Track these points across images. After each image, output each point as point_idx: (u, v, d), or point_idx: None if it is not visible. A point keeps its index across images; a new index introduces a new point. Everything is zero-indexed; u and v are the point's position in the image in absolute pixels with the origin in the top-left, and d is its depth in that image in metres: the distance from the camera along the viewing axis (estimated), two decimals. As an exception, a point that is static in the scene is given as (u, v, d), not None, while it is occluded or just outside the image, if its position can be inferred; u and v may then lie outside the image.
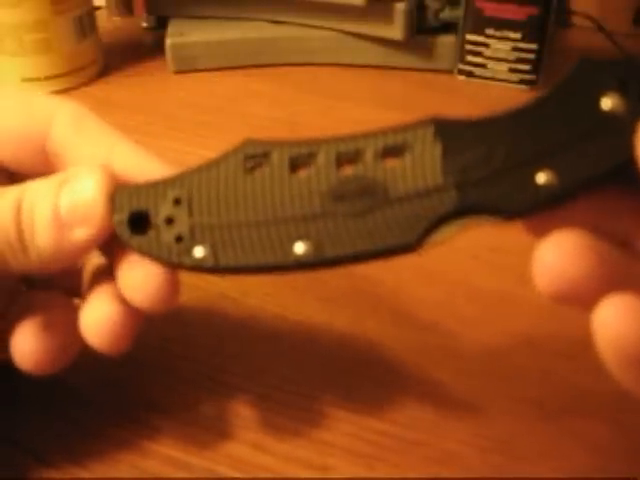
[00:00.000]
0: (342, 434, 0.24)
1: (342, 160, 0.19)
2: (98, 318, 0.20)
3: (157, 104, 0.47)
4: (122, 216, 0.19)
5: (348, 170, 0.19)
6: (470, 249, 0.31)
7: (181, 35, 0.51)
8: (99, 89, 0.50)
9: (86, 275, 0.23)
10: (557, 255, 0.17)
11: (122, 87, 0.50)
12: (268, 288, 0.30)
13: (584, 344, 0.27)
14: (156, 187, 0.20)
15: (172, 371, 0.27)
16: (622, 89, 0.17)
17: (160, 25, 0.56)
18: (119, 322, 0.20)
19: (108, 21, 0.60)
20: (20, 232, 0.20)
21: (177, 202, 0.19)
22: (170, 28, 0.52)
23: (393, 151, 0.18)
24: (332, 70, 0.51)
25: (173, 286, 0.20)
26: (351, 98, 0.47)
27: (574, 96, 0.18)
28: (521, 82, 0.49)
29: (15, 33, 0.46)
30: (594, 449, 0.24)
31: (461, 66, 0.50)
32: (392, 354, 0.27)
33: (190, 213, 0.19)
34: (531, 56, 0.47)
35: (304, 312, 0.29)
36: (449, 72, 0.51)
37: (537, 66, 0.48)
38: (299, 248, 0.18)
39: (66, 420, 0.25)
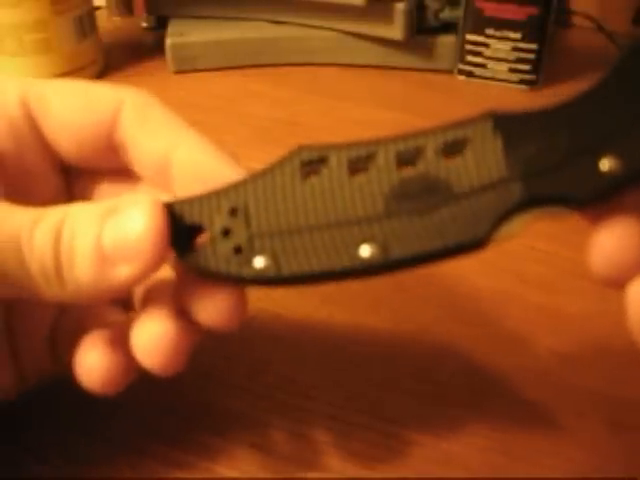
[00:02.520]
0: (342, 434, 0.24)
1: (402, 159, 0.18)
2: (153, 336, 0.19)
3: (157, 104, 0.47)
4: (175, 233, 0.18)
5: (409, 169, 0.18)
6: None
7: (181, 35, 0.51)
8: (99, 89, 0.49)
9: (139, 288, 0.22)
10: (615, 242, 0.17)
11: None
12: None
13: (584, 344, 0.28)
14: (210, 199, 0.19)
15: (172, 371, 0.27)
16: None
17: (160, 25, 0.56)
18: (175, 341, 0.19)
19: (108, 21, 0.60)
20: (58, 263, 0.18)
21: (233, 212, 0.18)
22: (170, 28, 0.52)
23: (454, 147, 0.18)
24: (332, 70, 0.51)
25: (242, 301, 0.19)
26: (351, 98, 0.47)
27: (632, 76, 0.17)
28: (521, 82, 0.49)
29: (15, 33, 0.46)
30: (593, 449, 0.24)
31: (461, 66, 0.50)
32: (392, 353, 0.27)
33: (247, 223, 0.18)
34: (531, 56, 0.47)
35: (304, 311, 0.29)
36: (449, 72, 0.51)
37: (537, 66, 0.48)
38: (365, 251, 0.18)
39: (65, 420, 0.25)
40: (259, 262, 0.18)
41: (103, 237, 0.18)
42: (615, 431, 0.24)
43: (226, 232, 0.18)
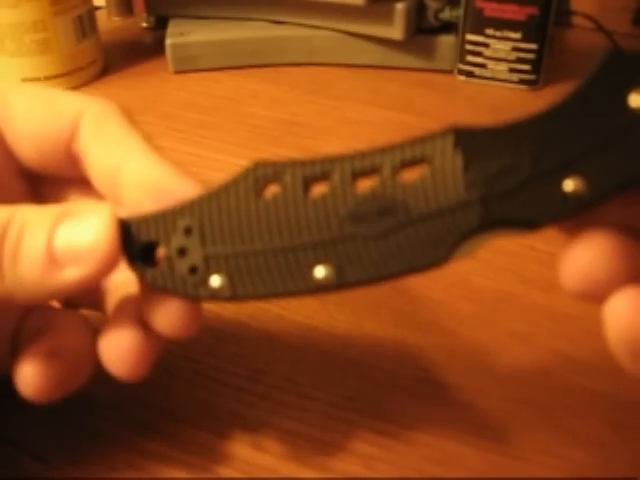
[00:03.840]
0: (342, 434, 0.24)
1: (358, 178, 0.18)
2: (117, 345, 0.20)
3: (157, 104, 0.47)
4: (132, 251, 0.19)
5: (366, 188, 0.18)
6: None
7: (181, 35, 0.51)
8: (99, 89, 0.50)
9: (110, 295, 0.22)
10: (587, 258, 0.17)
11: (122, 87, 0.50)
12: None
13: (584, 344, 0.28)
14: (165, 217, 0.19)
15: (172, 371, 0.27)
16: None
17: (160, 25, 0.56)
18: (138, 349, 0.20)
19: (108, 21, 0.61)
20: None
21: (188, 232, 0.19)
22: (170, 28, 0.52)
23: (412, 165, 0.18)
24: (332, 70, 0.51)
25: (197, 311, 0.19)
26: (351, 98, 0.47)
27: (600, 94, 0.17)
28: (521, 82, 0.49)
29: (15, 33, 0.46)
30: (594, 449, 0.24)
31: (461, 66, 0.50)
32: (392, 354, 0.27)
33: (203, 242, 0.18)
34: (531, 56, 0.47)
35: (304, 312, 0.29)
36: (449, 72, 0.51)
37: (537, 66, 0.48)
38: (319, 272, 0.18)
39: (65, 420, 0.25)
40: (215, 281, 0.18)
41: (55, 238, 0.18)
42: (615, 431, 0.24)
43: (182, 251, 0.19)
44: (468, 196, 0.17)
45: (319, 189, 0.18)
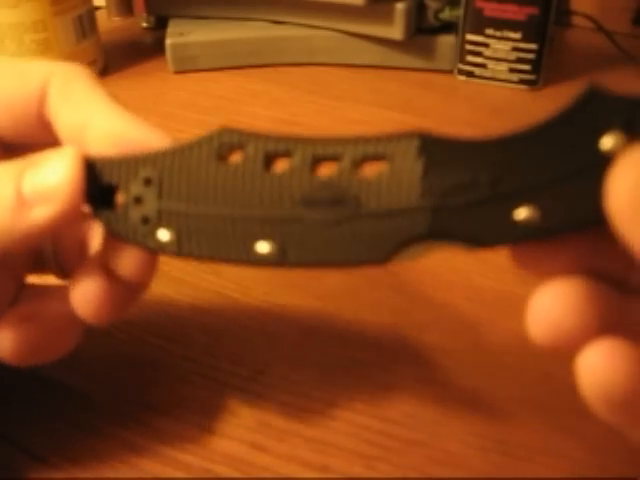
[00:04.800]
0: (342, 434, 0.24)
1: (318, 163, 0.18)
2: (84, 291, 0.20)
3: (157, 104, 0.47)
4: (92, 190, 0.19)
5: (323, 175, 0.18)
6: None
7: (181, 35, 0.51)
8: (99, 89, 0.49)
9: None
10: (553, 307, 0.17)
11: (122, 87, 0.50)
12: (267, 287, 0.30)
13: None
14: (128, 163, 0.19)
15: (172, 371, 0.27)
16: (627, 129, 0.16)
17: (160, 25, 0.56)
18: (104, 293, 0.20)
19: (108, 21, 0.61)
20: None
21: (147, 182, 0.19)
22: (170, 28, 0.52)
23: (373, 160, 0.18)
24: (332, 70, 0.51)
25: (151, 259, 0.20)
26: (351, 98, 0.47)
27: (574, 129, 0.17)
28: (521, 82, 0.49)
29: (15, 33, 0.46)
30: (594, 449, 0.24)
31: (461, 66, 0.50)
32: (392, 354, 0.27)
33: (159, 195, 0.19)
34: (531, 56, 0.47)
35: (304, 311, 0.29)
36: (449, 72, 0.51)
37: (537, 66, 0.48)
38: (262, 247, 0.18)
39: (65, 420, 0.25)
40: (163, 235, 0.19)
41: (24, 181, 0.19)
42: (615, 431, 0.24)
43: (138, 200, 0.19)
44: (420, 203, 0.17)
45: (280, 166, 0.18)
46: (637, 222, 0.15)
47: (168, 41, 0.50)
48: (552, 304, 0.17)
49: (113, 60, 0.53)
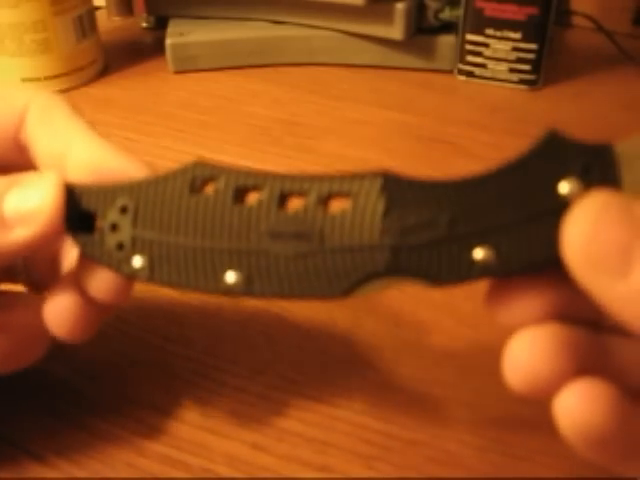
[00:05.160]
0: (342, 434, 0.24)
1: (286, 198, 0.19)
2: (58, 308, 0.21)
3: (157, 104, 0.47)
4: (70, 214, 0.20)
5: (290, 210, 0.19)
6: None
7: (181, 35, 0.51)
8: (99, 89, 0.50)
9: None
10: (528, 355, 0.17)
11: (122, 87, 0.50)
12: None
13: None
14: (106, 192, 0.20)
15: (171, 371, 0.27)
16: (584, 175, 0.17)
17: (160, 25, 0.56)
18: (77, 312, 0.21)
19: (108, 21, 0.61)
20: None
21: (123, 210, 0.20)
22: (170, 28, 0.52)
23: (337, 197, 0.19)
24: (332, 70, 0.51)
25: (125, 283, 0.21)
26: (351, 98, 0.47)
27: (533, 173, 0.17)
28: (521, 82, 0.49)
29: (15, 33, 0.46)
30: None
31: (461, 66, 0.50)
32: (392, 354, 0.27)
33: (134, 223, 0.20)
34: (531, 56, 0.47)
35: (304, 312, 0.29)
36: (449, 72, 0.51)
37: (537, 66, 0.48)
38: (230, 277, 0.19)
39: (65, 419, 0.25)
40: (137, 262, 0.20)
41: (5, 202, 0.20)
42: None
43: (114, 227, 0.20)
44: (380, 241, 0.18)
45: (249, 200, 0.19)
46: (591, 269, 0.15)
47: (168, 41, 0.50)
48: (527, 353, 0.17)
49: (113, 60, 0.53)
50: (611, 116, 0.45)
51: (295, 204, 0.19)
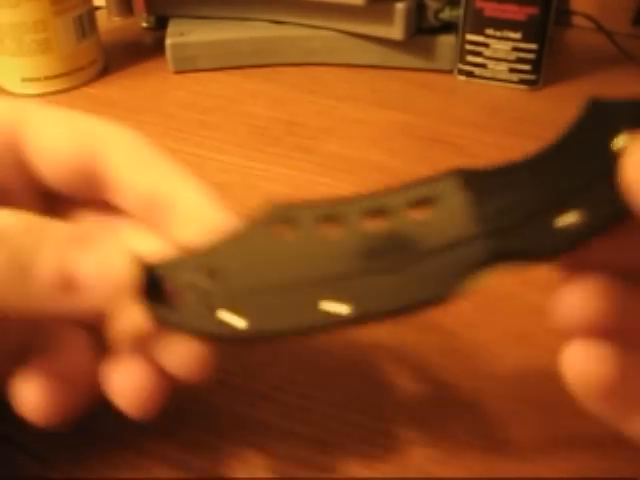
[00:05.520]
0: (342, 434, 0.24)
1: (369, 217, 0.19)
2: (125, 382, 0.19)
3: (157, 104, 0.47)
4: (148, 290, 0.19)
5: (376, 227, 0.19)
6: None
7: (181, 35, 0.51)
8: (99, 89, 0.50)
9: (119, 324, 0.21)
10: (580, 302, 0.18)
11: (122, 87, 0.50)
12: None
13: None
14: (182, 257, 0.19)
15: (172, 371, 0.27)
16: (632, 127, 0.17)
17: (160, 25, 0.56)
18: (149, 388, 0.19)
19: (108, 21, 0.61)
20: (10, 269, 0.17)
21: (206, 271, 0.19)
22: (170, 28, 0.52)
23: (420, 204, 0.19)
24: (332, 70, 0.51)
25: (207, 354, 0.19)
26: (351, 98, 0.47)
27: (586, 139, 0.18)
28: (521, 82, 0.49)
29: (15, 33, 0.46)
30: (594, 449, 0.24)
31: (461, 66, 0.50)
32: (392, 354, 0.27)
33: (218, 280, 0.19)
34: (531, 56, 0.47)
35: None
36: (449, 72, 0.51)
37: (537, 66, 0.48)
38: (334, 308, 0.18)
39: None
40: (231, 320, 0.18)
41: (72, 261, 0.18)
42: (616, 430, 0.24)
43: (195, 287, 0.19)
44: (473, 231, 0.18)
45: (334, 228, 0.19)
46: None
47: (168, 41, 0.50)
48: (579, 299, 0.18)
49: (113, 60, 0.53)
50: (611, 116, 0.45)
51: (380, 220, 0.19)
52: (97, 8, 0.55)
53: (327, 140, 0.43)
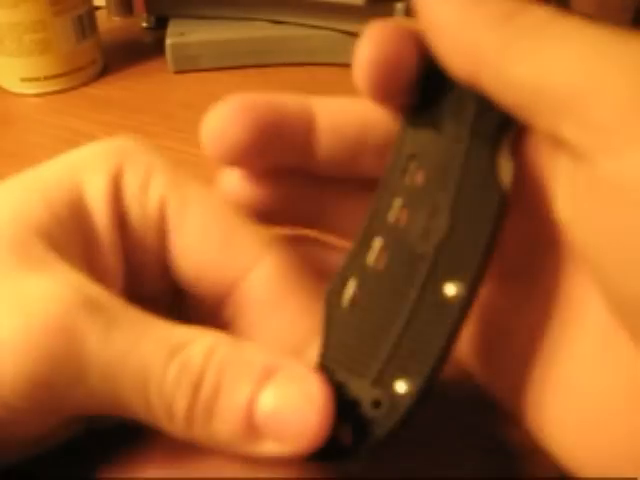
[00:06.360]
0: (342, 434, 0.24)
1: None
2: None
3: (157, 104, 0.47)
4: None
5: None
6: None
7: (181, 35, 0.51)
8: (99, 89, 0.49)
9: None
10: (219, 121, 0.19)
11: (122, 87, 0.50)
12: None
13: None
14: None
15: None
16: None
17: (160, 25, 0.56)
18: None
19: (108, 21, 0.61)
20: (191, 415, 0.16)
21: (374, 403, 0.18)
22: (170, 28, 0.52)
23: None
24: (332, 70, 0.51)
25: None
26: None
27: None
28: (521, 82, 0.48)
29: (15, 33, 0.46)
30: (594, 449, 0.24)
31: (461, 66, 0.50)
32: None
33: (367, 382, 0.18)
34: (531, 56, 0.47)
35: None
36: (449, 72, 0.51)
37: (537, 66, 0.48)
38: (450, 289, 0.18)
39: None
40: (400, 388, 0.18)
41: (260, 402, 0.16)
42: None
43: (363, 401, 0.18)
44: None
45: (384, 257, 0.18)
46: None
47: (168, 41, 0.50)
48: (219, 118, 0.20)
49: (113, 60, 0.53)
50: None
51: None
52: (97, 8, 0.55)
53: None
